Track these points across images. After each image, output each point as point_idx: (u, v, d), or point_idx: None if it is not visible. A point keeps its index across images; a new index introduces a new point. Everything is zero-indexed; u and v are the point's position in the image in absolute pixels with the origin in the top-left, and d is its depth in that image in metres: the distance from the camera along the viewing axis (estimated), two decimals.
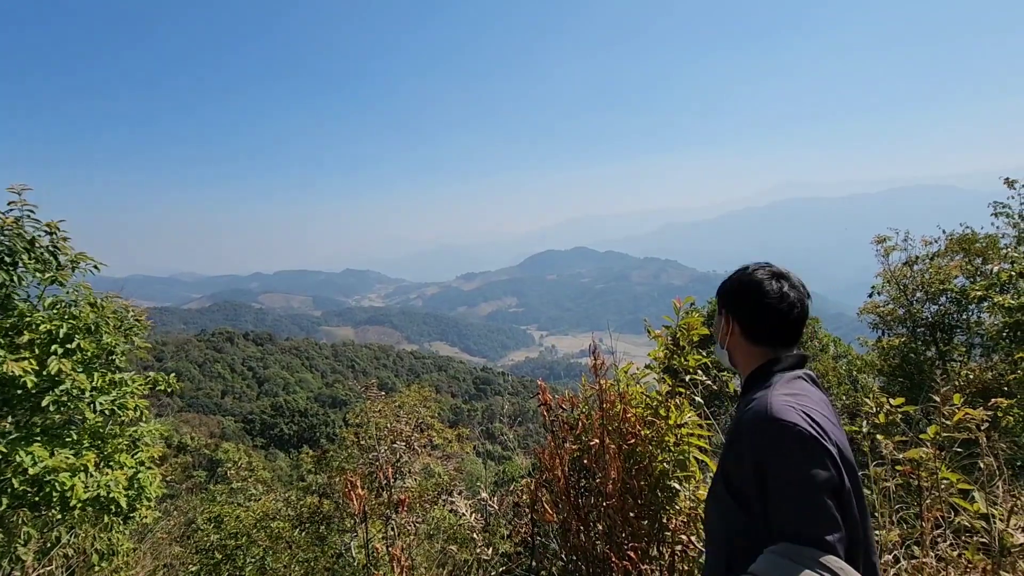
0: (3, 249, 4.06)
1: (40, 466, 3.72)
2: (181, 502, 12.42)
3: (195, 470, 20.14)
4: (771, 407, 1.24)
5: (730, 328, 1.50)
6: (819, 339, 11.84)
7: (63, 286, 4.45)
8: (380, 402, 7.76)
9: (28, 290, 4.33)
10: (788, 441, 1.18)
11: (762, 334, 1.44)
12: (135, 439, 4.67)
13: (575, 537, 2.71)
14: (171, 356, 69.57)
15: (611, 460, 2.49)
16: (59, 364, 3.94)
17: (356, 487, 2.44)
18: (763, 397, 1.31)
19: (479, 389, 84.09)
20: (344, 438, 8.65)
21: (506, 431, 20.70)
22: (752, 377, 1.45)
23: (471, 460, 23.23)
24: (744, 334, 1.47)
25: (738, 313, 1.48)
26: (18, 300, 4.26)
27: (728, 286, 1.52)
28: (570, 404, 2.82)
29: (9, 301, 4.20)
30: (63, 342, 4.08)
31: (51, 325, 4.05)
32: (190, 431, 27.67)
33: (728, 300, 1.52)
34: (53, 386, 4.00)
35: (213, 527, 6.07)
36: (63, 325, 4.09)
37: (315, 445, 27.59)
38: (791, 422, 1.20)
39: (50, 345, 4.03)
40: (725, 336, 1.53)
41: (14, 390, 3.90)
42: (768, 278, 1.44)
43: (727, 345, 1.53)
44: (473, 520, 3.76)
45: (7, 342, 4.02)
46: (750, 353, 1.47)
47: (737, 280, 1.50)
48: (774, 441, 1.20)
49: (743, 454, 1.26)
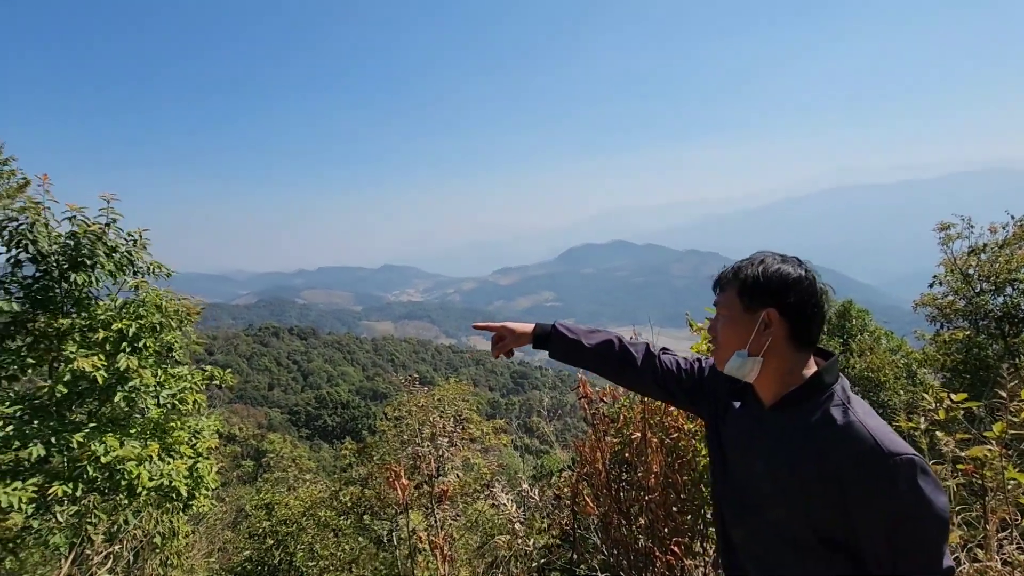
0: (85, 252, 4.35)
1: (112, 455, 3.98)
2: (231, 490, 12.98)
3: (243, 459, 21.04)
4: (882, 441, 1.06)
5: (770, 331, 1.20)
6: (870, 332, 11.34)
7: (136, 288, 4.76)
8: (421, 396, 7.89)
9: (104, 288, 4.63)
10: (919, 477, 1.03)
11: (810, 337, 1.22)
12: (195, 431, 4.94)
13: (616, 531, 2.69)
14: (221, 350, 72.62)
15: (653, 454, 2.46)
16: (127, 361, 4.21)
17: (400, 477, 2.49)
18: (854, 424, 1.10)
19: (516, 383, 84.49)
20: (384, 431, 8.85)
21: (544, 425, 20.68)
22: (803, 391, 1.20)
23: (508, 454, 23.35)
24: (790, 337, 1.20)
25: (789, 312, 1.20)
26: (95, 300, 4.56)
27: (773, 277, 1.21)
28: (611, 398, 2.80)
29: (88, 301, 4.50)
30: (132, 341, 4.35)
31: (122, 324, 4.31)
32: (239, 422, 28.91)
33: (773, 296, 1.20)
34: (121, 381, 4.27)
35: (265, 514, 6.33)
36: (132, 325, 4.35)
37: (357, 437, 28.34)
38: (914, 454, 1.04)
39: (120, 343, 4.31)
40: (763, 340, 1.21)
41: (86, 384, 4.18)
42: (805, 270, 1.21)
43: (764, 351, 1.22)
44: (515, 512, 3.78)
45: (82, 339, 4.31)
46: (795, 360, 1.22)
47: (780, 271, 1.21)
48: (907, 480, 1.03)
49: (853, 497, 1.06)
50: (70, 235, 4.40)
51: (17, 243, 4.25)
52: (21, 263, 4.35)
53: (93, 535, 4.05)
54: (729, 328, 1.28)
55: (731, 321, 1.27)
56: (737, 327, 1.26)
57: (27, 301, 4.34)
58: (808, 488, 1.12)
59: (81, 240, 4.39)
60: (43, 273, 4.39)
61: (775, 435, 1.23)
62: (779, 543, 1.19)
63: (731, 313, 1.28)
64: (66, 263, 4.36)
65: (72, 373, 4.01)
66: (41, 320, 4.32)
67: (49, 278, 4.40)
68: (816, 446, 1.13)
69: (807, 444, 1.15)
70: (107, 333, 4.27)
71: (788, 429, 1.20)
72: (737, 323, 1.26)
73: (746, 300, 1.24)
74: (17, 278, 4.38)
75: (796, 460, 1.15)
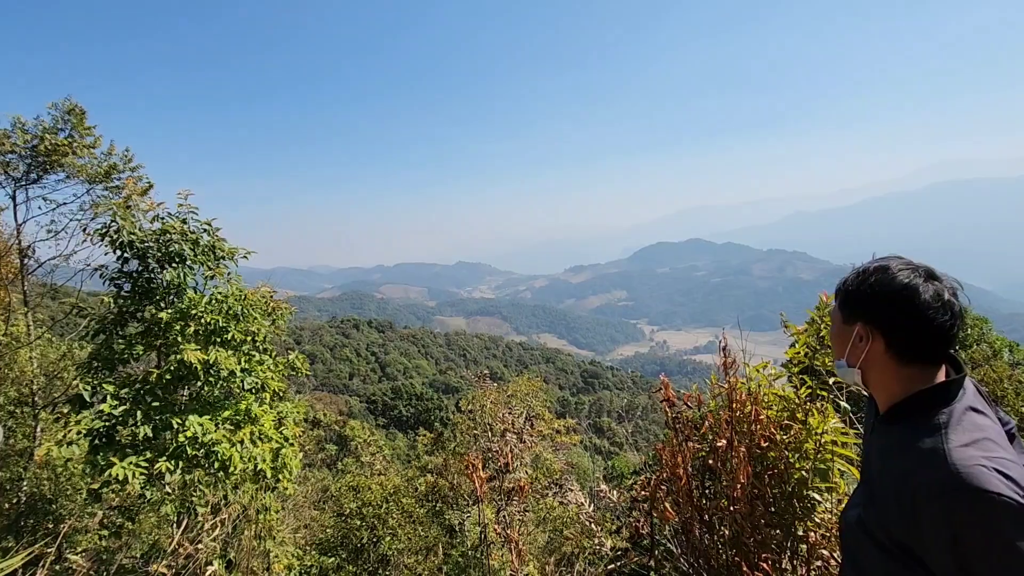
0: (175, 250, 4.82)
1: (208, 437, 4.38)
2: (315, 471, 13.80)
3: (327, 443, 22.35)
4: (963, 473, 1.00)
5: (868, 343, 1.18)
6: (989, 343, 10.18)
7: (222, 276, 5.20)
8: (492, 391, 8.01)
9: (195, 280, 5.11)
10: (997, 518, 0.95)
11: (917, 352, 1.14)
12: (281, 417, 5.31)
13: (697, 540, 2.59)
14: (307, 340, 77.49)
15: (740, 463, 2.33)
16: (216, 353, 4.62)
17: (478, 469, 2.53)
18: (939, 450, 1.05)
19: (587, 383, 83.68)
20: (456, 424, 9.05)
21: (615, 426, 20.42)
22: (905, 407, 1.16)
23: (578, 453, 23.21)
24: (891, 351, 1.16)
25: (883, 326, 1.15)
26: (188, 292, 5.03)
27: (865, 290, 1.18)
28: (696, 402, 2.69)
29: (182, 294, 4.98)
30: (220, 333, 4.77)
31: (210, 318, 4.73)
32: (322, 408, 30.70)
33: (866, 308, 1.18)
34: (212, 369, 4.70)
35: (352, 496, 6.67)
36: (219, 319, 4.77)
37: (430, 428, 29.28)
38: (995, 492, 0.96)
39: (210, 336, 4.75)
40: (859, 352, 1.20)
41: (188, 371, 4.63)
42: (922, 280, 1.12)
43: (861, 363, 1.21)
44: (590, 510, 3.74)
45: (181, 329, 4.77)
46: (898, 375, 1.17)
47: (878, 283, 1.16)
48: (979, 518, 0.96)
49: (924, 525, 1.02)
50: (161, 231, 4.89)
51: (121, 243, 4.77)
52: (128, 260, 4.89)
53: (199, 506, 4.46)
54: (833, 338, 1.33)
55: (834, 332, 1.31)
56: (838, 338, 1.29)
57: (134, 293, 4.87)
58: (887, 504, 1.12)
59: (169, 232, 4.87)
60: (143, 268, 4.90)
61: (878, 447, 1.24)
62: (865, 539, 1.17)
63: (834, 324, 1.31)
64: (160, 258, 4.85)
65: (179, 363, 4.46)
66: (149, 310, 4.83)
67: (149, 272, 4.91)
68: (900, 464, 1.11)
69: (892, 461, 1.15)
70: (198, 326, 4.69)
71: (888, 443, 1.20)
72: (839, 334, 1.28)
73: (845, 312, 1.25)
74: (125, 273, 4.91)
75: (882, 475, 1.17)
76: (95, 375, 4.69)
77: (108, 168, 7.61)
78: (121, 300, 4.85)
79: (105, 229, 4.81)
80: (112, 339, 4.86)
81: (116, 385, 4.55)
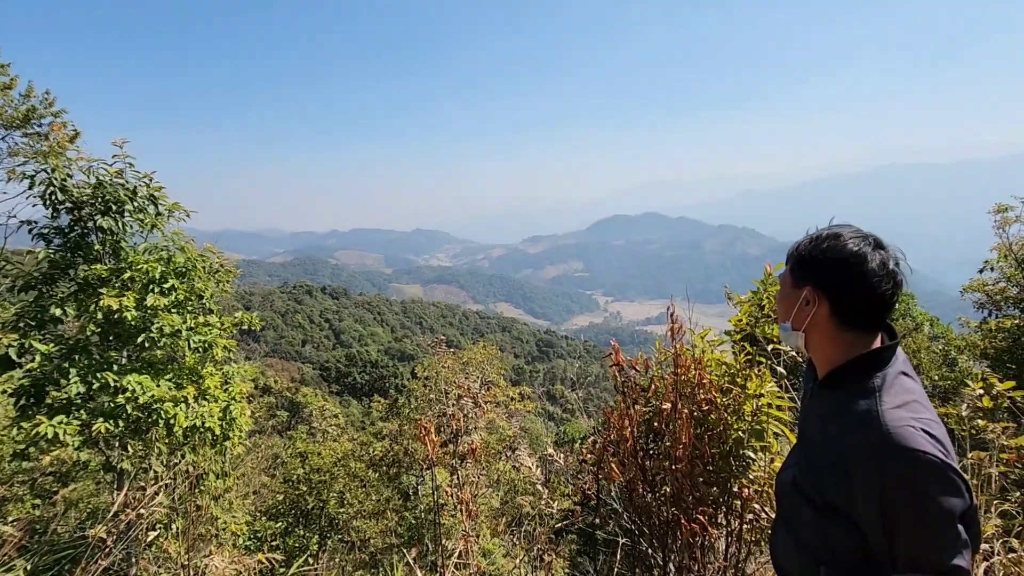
0: (111, 199, 4.48)
1: (148, 395, 4.19)
2: (265, 438, 13.57)
3: (278, 410, 21.96)
4: (894, 433, 1.05)
5: (814, 307, 1.21)
6: (913, 317, 10.94)
7: (162, 233, 4.89)
8: (448, 357, 8.03)
9: (133, 237, 4.79)
10: (922, 476, 1.02)
11: (859, 318, 1.18)
12: (227, 377, 5.14)
13: (640, 498, 2.71)
14: (257, 305, 75.07)
15: (683, 425, 2.45)
16: (155, 300, 4.37)
17: (430, 432, 2.55)
18: (872, 412, 1.10)
19: (542, 351, 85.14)
20: (412, 390, 9.04)
21: (568, 393, 20.95)
22: (843, 372, 1.21)
23: (531, 419, 23.69)
24: (834, 316, 1.19)
25: (830, 290, 1.19)
26: (125, 247, 4.72)
27: (817, 255, 1.21)
28: (644, 367, 2.79)
29: (118, 247, 4.67)
30: (159, 282, 4.51)
31: (147, 265, 4.47)
32: (274, 375, 30.04)
33: (815, 273, 1.21)
34: (148, 322, 4.45)
35: (299, 462, 6.62)
36: (158, 267, 4.51)
37: (385, 395, 29.23)
38: (920, 450, 1.02)
39: (148, 285, 4.48)
40: (804, 316, 1.23)
41: (123, 327, 4.37)
42: (870, 249, 1.16)
43: (805, 327, 1.24)
44: (538, 474, 3.85)
45: (121, 285, 4.49)
46: (839, 340, 1.21)
47: (829, 248, 1.19)
48: (905, 476, 1.02)
49: (856, 485, 1.08)
50: (97, 184, 4.54)
51: (50, 195, 4.39)
52: (59, 213, 4.52)
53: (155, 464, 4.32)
54: (779, 301, 1.35)
55: (781, 295, 1.33)
56: (784, 301, 1.31)
57: (65, 249, 4.53)
58: (822, 468, 1.18)
59: (105, 184, 4.53)
60: (76, 221, 4.56)
61: (816, 411, 1.29)
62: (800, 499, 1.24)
63: (783, 287, 1.33)
64: (96, 211, 4.50)
65: (102, 311, 4.18)
66: (82, 267, 4.50)
67: (83, 227, 4.57)
68: (836, 428, 1.17)
69: (830, 425, 1.19)
70: (134, 273, 4.42)
71: (825, 407, 1.24)
72: (786, 298, 1.30)
73: (795, 275, 1.27)
74: (55, 227, 4.56)
75: (822, 439, 1.21)
76: (22, 335, 4.37)
77: (27, 112, 6.95)
78: (51, 254, 4.50)
79: (32, 177, 4.42)
80: (42, 297, 4.52)
81: (47, 344, 4.26)
